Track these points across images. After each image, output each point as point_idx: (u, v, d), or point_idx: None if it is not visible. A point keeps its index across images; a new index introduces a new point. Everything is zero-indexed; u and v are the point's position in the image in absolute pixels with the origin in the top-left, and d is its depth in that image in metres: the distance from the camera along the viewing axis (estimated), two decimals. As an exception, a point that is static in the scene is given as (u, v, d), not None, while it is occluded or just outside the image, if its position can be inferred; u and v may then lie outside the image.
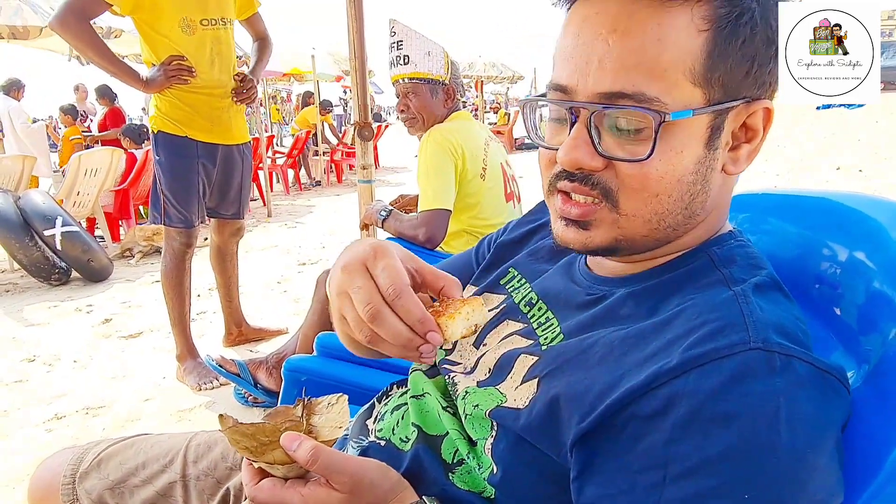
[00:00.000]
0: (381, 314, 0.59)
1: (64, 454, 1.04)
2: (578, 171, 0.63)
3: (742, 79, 0.61)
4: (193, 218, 2.72)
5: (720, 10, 0.58)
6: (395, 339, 0.59)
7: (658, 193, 0.62)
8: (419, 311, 0.59)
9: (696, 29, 0.58)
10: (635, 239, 0.65)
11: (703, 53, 0.59)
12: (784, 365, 0.52)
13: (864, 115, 16.20)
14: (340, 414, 0.68)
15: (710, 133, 0.62)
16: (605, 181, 0.63)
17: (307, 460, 0.58)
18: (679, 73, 0.59)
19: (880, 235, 0.70)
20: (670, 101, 0.59)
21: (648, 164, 0.60)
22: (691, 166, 0.62)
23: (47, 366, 3.13)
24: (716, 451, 0.50)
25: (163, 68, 2.49)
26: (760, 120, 0.63)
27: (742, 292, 0.59)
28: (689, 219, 0.65)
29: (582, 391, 0.59)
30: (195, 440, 1.04)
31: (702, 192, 0.64)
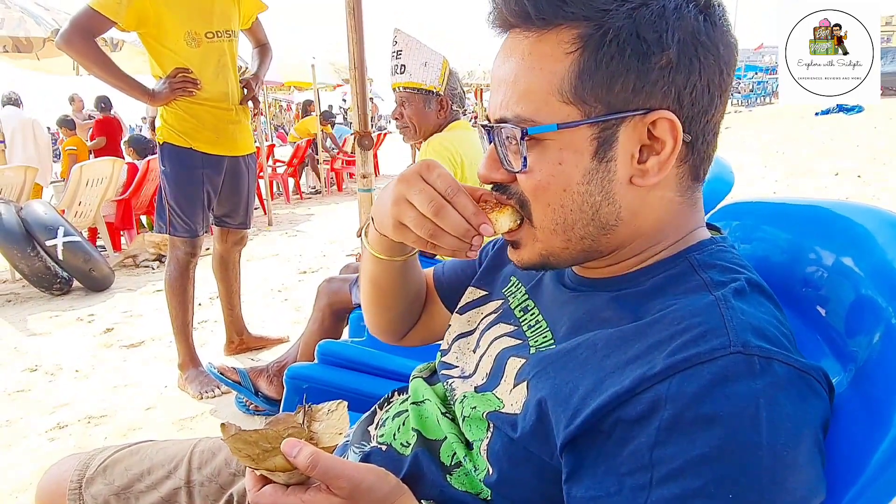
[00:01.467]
0: (444, 208, 0.69)
1: (70, 460, 1.05)
2: (492, 184, 0.73)
3: (626, 92, 0.62)
4: (198, 228, 2.75)
5: (585, 32, 0.62)
6: (455, 230, 0.69)
7: (549, 203, 0.68)
8: (473, 206, 0.70)
9: (562, 52, 0.63)
10: (557, 252, 0.71)
11: (572, 74, 0.63)
12: (764, 367, 0.54)
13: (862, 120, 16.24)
14: (340, 420, 0.70)
15: (596, 145, 0.64)
16: (518, 191, 0.70)
17: (307, 466, 0.60)
18: (547, 93, 0.64)
19: (867, 242, 0.72)
20: (543, 119, 0.65)
21: (532, 176, 0.67)
22: (578, 177, 0.65)
23: (49, 375, 3.15)
24: (699, 452, 0.51)
25: (168, 81, 2.52)
26: (667, 131, 0.64)
27: (723, 297, 0.60)
28: (604, 229, 0.68)
29: (567, 394, 0.61)
30: (199, 446, 1.06)
31: (605, 202, 0.66)
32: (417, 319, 1.06)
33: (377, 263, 0.90)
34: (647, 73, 0.62)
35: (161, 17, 2.47)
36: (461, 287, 0.97)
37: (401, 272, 0.93)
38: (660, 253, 0.71)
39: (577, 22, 0.62)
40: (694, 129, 0.65)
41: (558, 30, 0.63)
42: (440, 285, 1.05)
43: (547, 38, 0.64)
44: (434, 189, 0.70)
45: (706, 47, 0.63)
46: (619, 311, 0.67)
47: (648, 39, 0.61)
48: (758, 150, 11.50)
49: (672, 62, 0.62)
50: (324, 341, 1.53)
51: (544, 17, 0.63)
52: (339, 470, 0.61)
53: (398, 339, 1.06)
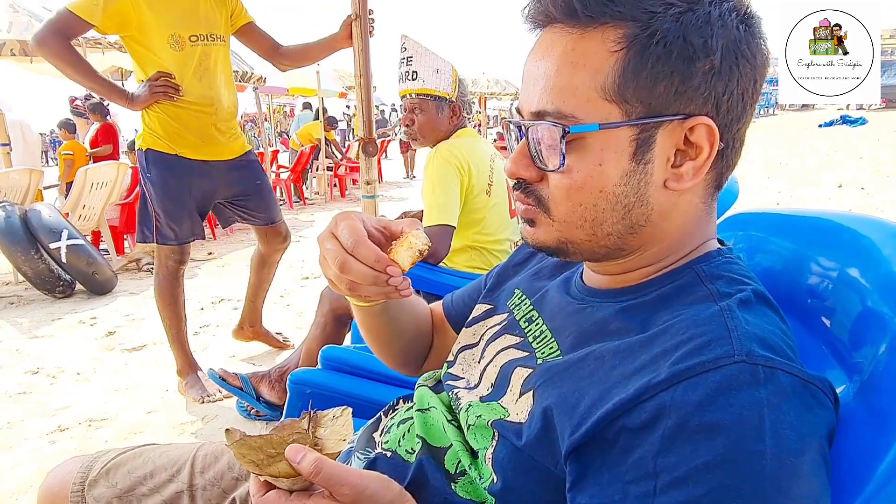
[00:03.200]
0: (346, 262, 0.72)
1: (73, 462, 1.05)
2: (519, 180, 0.71)
3: (667, 95, 0.63)
4: (185, 235, 2.70)
5: (631, 32, 0.62)
6: (363, 280, 0.72)
7: (581, 203, 0.67)
8: (374, 253, 0.71)
9: (607, 50, 0.63)
10: (578, 242, 0.70)
11: (616, 72, 0.63)
12: (768, 376, 0.54)
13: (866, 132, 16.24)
14: (345, 426, 0.69)
15: (635, 147, 0.65)
16: (538, 190, 0.70)
17: (310, 472, 0.59)
18: (590, 90, 0.64)
19: (873, 253, 0.72)
20: (584, 116, 0.64)
21: (569, 175, 0.66)
22: (616, 178, 0.65)
23: (51, 378, 3.15)
24: (703, 460, 0.51)
25: (149, 84, 2.48)
26: (704, 137, 0.65)
27: (728, 307, 0.61)
28: (632, 229, 0.68)
29: (573, 403, 0.61)
30: (202, 450, 1.05)
31: (638, 204, 0.67)
32: (429, 350, 1.06)
33: (359, 311, 0.91)
34: (690, 77, 0.62)
35: (144, 20, 2.42)
36: (469, 312, 0.98)
37: (385, 314, 0.92)
38: (670, 264, 0.71)
39: (623, 21, 0.62)
40: (726, 137, 0.66)
41: (604, 28, 0.63)
42: (450, 314, 1.05)
43: (592, 35, 0.64)
44: (340, 244, 0.72)
45: (745, 56, 0.64)
46: (626, 323, 0.67)
47: (695, 44, 0.62)
48: (761, 161, 11.51)
49: (715, 68, 0.62)
50: (327, 347, 1.53)
51: (591, 15, 0.63)
52: (343, 476, 0.61)
53: (415, 371, 1.06)
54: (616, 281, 0.74)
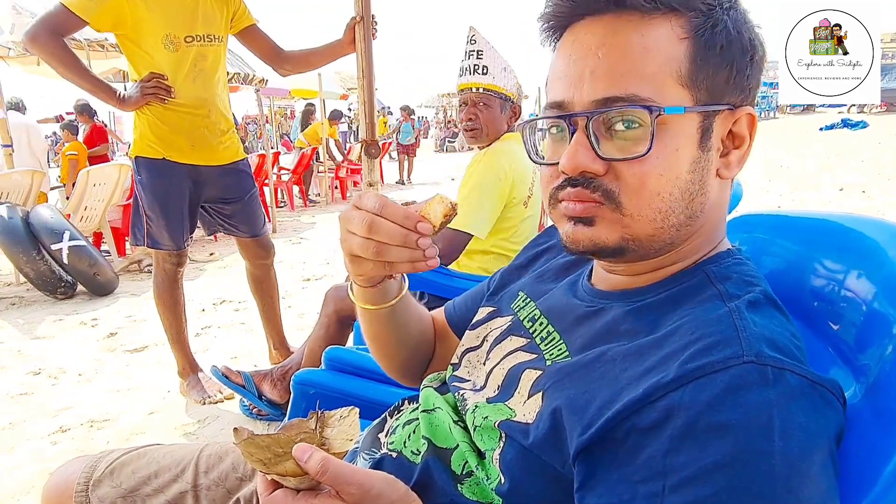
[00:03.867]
0: (375, 222, 0.69)
1: (77, 462, 1.05)
2: (581, 175, 0.67)
3: (724, 84, 0.66)
4: (180, 239, 2.64)
5: (696, 21, 0.65)
6: (392, 239, 0.69)
7: (659, 192, 0.65)
8: (403, 211, 0.70)
9: (677, 37, 0.65)
10: (642, 239, 0.68)
11: (687, 58, 0.64)
12: (777, 377, 0.54)
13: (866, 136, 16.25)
14: (351, 427, 0.69)
15: (701, 134, 0.66)
16: (605, 184, 0.66)
17: (317, 471, 0.59)
18: (667, 75, 0.64)
19: (879, 255, 0.72)
20: (662, 101, 0.64)
21: (647, 163, 0.64)
22: (687, 165, 0.66)
23: (52, 379, 3.15)
24: (712, 460, 0.51)
25: (140, 85, 2.42)
26: (745, 126, 0.69)
27: (736, 308, 0.61)
28: (690, 219, 0.68)
29: (583, 404, 0.61)
30: (206, 451, 1.05)
31: (700, 192, 0.67)
32: (431, 357, 1.06)
33: (367, 315, 0.90)
34: (742, 68, 0.66)
35: (139, 19, 2.37)
36: (472, 316, 0.98)
37: (392, 319, 0.92)
38: (681, 265, 0.72)
39: (684, 11, 0.65)
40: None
41: (669, 16, 0.65)
42: (452, 319, 1.05)
43: (659, 22, 0.65)
44: (365, 210, 0.71)
45: (763, 56, 0.69)
46: (635, 324, 0.67)
47: (744, 37, 0.66)
48: (762, 165, 11.51)
49: (758, 63, 0.67)
50: (331, 347, 1.53)
51: (661, 1, 0.64)
52: (349, 476, 0.61)
53: (415, 381, 1.05)
54: (626, 283, 0.74)
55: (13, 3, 5.83)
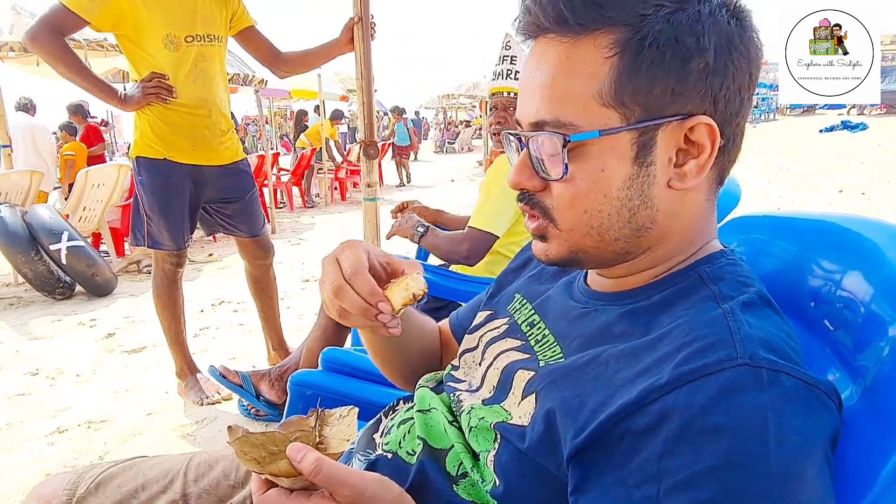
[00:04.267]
0: (342, 289, 0.72)
1: (58, 479, 1.00)
2: (523, 191, 0.71)
3: (664, 96, 0.63)
4: (181, 240, 2.64)
5: (623, 37, 0.62)
6: (354, 309, 0.72)
7: (586, 209, 0.67)
8: (370, 286, 0.72)
9: (601, 57, 0.63)
10: (588, 251, 0.70)
11: (611, 77, 0.63)
12: (771, 379, 0.53)
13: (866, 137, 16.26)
14: (349, 427, 0.69)
15: (636, 150, 0.64)
16: (542, 201, 0.70)
17: (310, 471, 0.59)
18: (588, 97, 0.64)
19: (876, 256, 0.72)
20: (584, 123, 0.64)
21: (572, 183, 0.66)
22: (619, 182, 0.65)
23: (50, 379, 3.14)
24: (707, 464, 0.51)
25: (142, 85, 2.41)
26: (705, 136, 0.65)
27: (730, 309, 0.61)
28: (639, 231, 0.68)
29: (576, 407, 0.61)
30: (195, 460, 1.03)
31: (643, 206, 0.67)
32: (438, 367, 1.06)
33: (364, 335, 0.93)
34: (686, 77, 0.62)
35: (139, 19, 2.36)
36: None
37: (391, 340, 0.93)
38: (674, 266, 0.71)
39: (614, 27, 0.62)
40: (727, 132, 0.66)
41: (596, 34, 0.63)
42: (455, 329, 1.06)
43: (584, 42, 0.64)
44: (340, 270, 0.73)
45: (739, 51, 0.64)
46: (630, 326, 0.67)
47: (687, 44, 0.61)
48: (761, 167, 11.52)
49: (709, 66, 0.62)
50: (328, 349, 1.53)
51: (582, 23, 0.63)
52: (343, 477, 0.60)
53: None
54: (620, 284, 0.74)
55: (13, 4, 5.84)
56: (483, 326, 0.92)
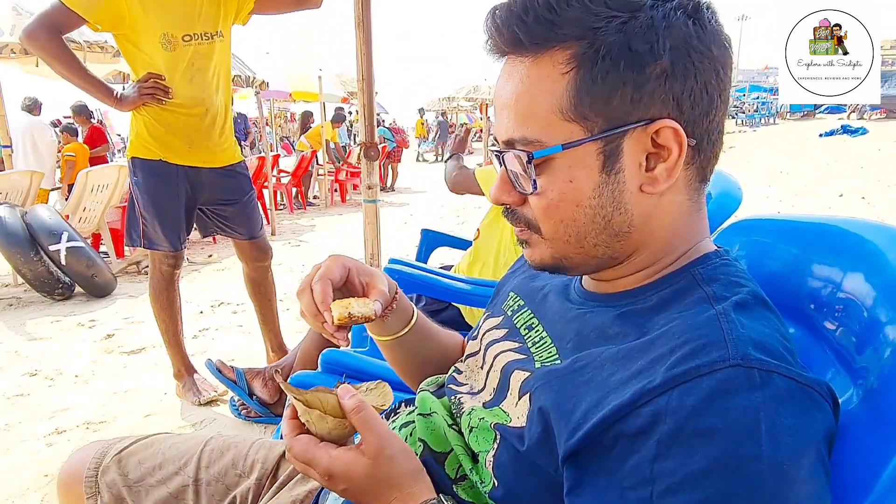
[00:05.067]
0: (303, 292, 0.82)
1: (92, 447, 1.08)
2: (504, 205, 0.75)
3: (626, 104, 0.63)
4: (177, 241, 2.62)
5: (578, 51, 0.63)
6: (306, 310, 0.81)
7: (562, 219, 0.69)
8: (322, 295, 0.79)
9: (558, 73, 0.64)
10: (571, 256, 0.72)
11: (569, 92, 0.64)
12: (764, 380, 0.53)
13: (866, 142, 16.29)
14: (382, 396, 0.76)
15: (603, 160, 0.65)
16: (525, 214, 0.73)
17: (352, 408, 0.67)
18: (549, 113, 0.65)
19: (878, 258, 0.72)
20: (548, 139, 0.65)
21: (544, 196, 0.69)
22: (589, 192, 0.67)
23: (49, 380, 3.14)
24: (699, 465, 0.51)
25: (138, 86, 2.39)
26: (671, 138, 0.65)
27: (723, 310, 0.61)
28: (618, 236, 0.69)
29: (570, 408, 0.61)
30: (210, 444, 1.07)
31: (617, 212, 0.67)
32: None
33: (380, 343, 0.97)
34: (643, 83, 0.63)
35: (136, 18, 2.33)
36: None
37: (401, 348, 0.97)
38: (666, 267, 0.71)
39: (569, 42, 0.63)
40: (698, 132, 0.66)
41: (552, 52, 0.64)
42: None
43: (541, 60, 0.65)
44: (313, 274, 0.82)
45: (699, 51, 0.64)
46: (624, 328, 0.67)
47: (641, 51, 0.62)
48: (762, 171, 11.53)
49: (666, 70, 0.62)
50: (328, 350, 1.53)
51: (537, 42, 0.64)
52: (375, 425, 0.66)
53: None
54: (615, 286, 0.74)
55: (13, 4, 5.84)
56: (481, 328, 0.92)
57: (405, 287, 2.06)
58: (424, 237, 2.88)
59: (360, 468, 0.66)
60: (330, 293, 0.80)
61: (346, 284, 0.85)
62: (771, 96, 30.16)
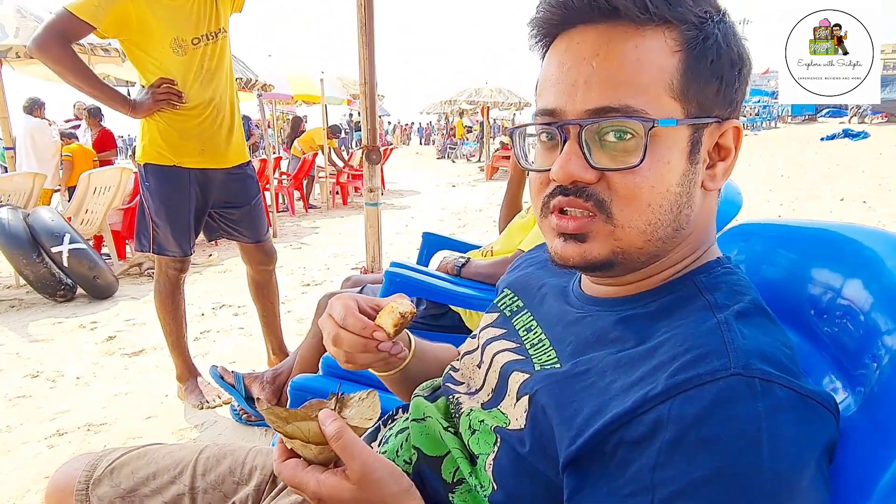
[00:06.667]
0: (338, 335, 0.79)
1: (80, 460, 1.06)
2: (572, 184, 0.67)
3: (713, 97, 0.66)
4: (187, 246, 2.62)
5: (688, 34, 0.65)
6: (353, 348, 0.79)
7: (650, 203, 0.65)
8: (360, 322, 0.78)
9: (669, 50, 0.64)
10: (631, 252, 0.68)
11: (679, 71, 0.64)
12: (764, 390, 0.53)
13: (867, 146, 16.27)
14: (371, 407, 0.74)
15: (690, 147, 0.66)
16: (598, 193, 0.66)
17: (332, 435, 0.64)
18: (659, 87, 0.64)
19: (877, 265, 0.72)
20: (654, 113, 0.64)
21: (639, 174, 0.64)
22: (677, 178, 0.66)
23: (50, 382, 3.14)
24: (700, 474, 0.51)
25: (151, 92, 2.39)
26: (732, 139, 0.69)
27: (725, 319, 0.61)
28: (677, 231, 0.68)
29: (571, 414, 0.61)
30: (205, 452, 1.06)
31: (687, 205, 0.67)
32: None
33: (387, 379, 0.96)
34: (731, 81, 0.67)
35: (145, 24, 2.32)
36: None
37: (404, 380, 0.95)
38: (671, 273, 0.72)
39: (677, 24, 0.65)
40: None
41: (662, 28, 0.65)
42: None
43: (653, 33, 0.64)
44: (333, 321, 0.80)
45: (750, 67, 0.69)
46: (625, 333, 0.67)
47: (734, 51, 0.66)
48: (762, 175, 11.52)
49: (744, 74, 0.67)
50: (328, 353, 1.53)
51: (656, 13, 0.64)
52: (357, 450, 0.64)
53: None
54: (617, 290, 0.74)
55: (18, 7, 5.85)
56: (480, 324, 0.93)
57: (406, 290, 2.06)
58: (425, 240, 2.88)
59: (346, 493, 0.64)
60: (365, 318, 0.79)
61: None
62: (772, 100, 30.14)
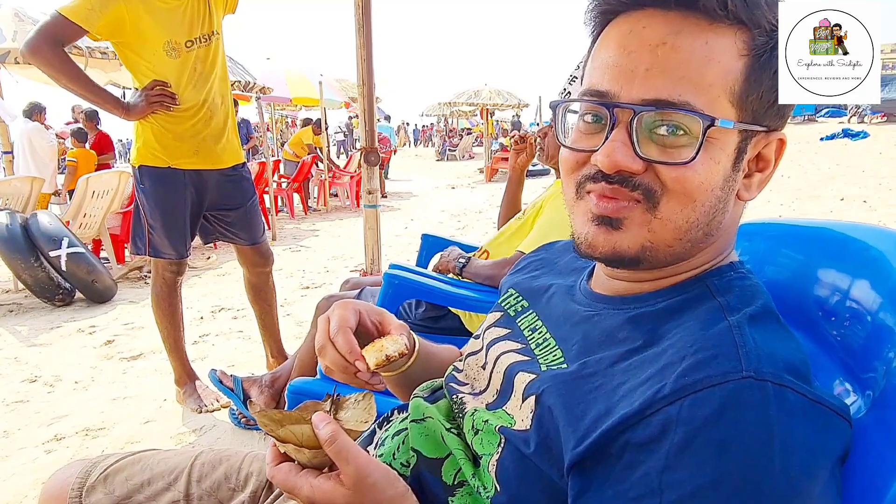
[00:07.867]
0: (325, 348, 0.78)
1: (74, 466, 1.04)
2: (617, 173, 0.64)
3: (768, 107, 0.64)
4: (182, 248, 2.61)
5: (758, 40, 0.62)
6: (334, 366, 0.78)
7: (696, 199, 0.63)
8: (349, 346, 0.77)
9: (738, 52, 0.62)
10: (660, 247, 0.66)
11: (743, 75, 0.62)
12: (777, 394, 0.52)
13: (867, 146, 16.28)
14: (366, 410, 0.73)
15: (736, 153, 0.64)
16: (647, 182, 0.64)
17: (326, 439, 0.62)
18: (721, 89, 0.62)
19: (882, 264, 0.70)
20: (712, 113, 0.61)
21: (691, 169, 0.62)
22: (721, 181, 0.64)
23: (48, 386, 3.13)
24: (710, 478, 0.50)
25: (145, 94, 2.38)
26: (774, 151, 0.67)
27: (736, 323, 0.60)
28: (707, 237, 0.67)
29: (578, 415, 0.60)
30: (200, 459, 1.04)
31: (722, 210, 0.66)
32: None
33: (390, 380, 0.94)
34: None
35: (139, 27, 2.31)
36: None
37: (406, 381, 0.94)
38: (686, 274, 0.70)
39: (751, 27, 0.62)
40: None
41: (733, 28, 0.62)
42: None
43: (724, 33, 0.62)
44: (326, 331, 0.79)
45: None
46: (633, 332, 0.66)
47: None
48: (762, 174, 11.49)
49: None
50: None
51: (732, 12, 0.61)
52: (352, 455, 0.62)
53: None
54: (626, 288, 0.73)
55: (16, 10, 5.85)
56: (483, 325, 0.91)
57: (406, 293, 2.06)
58: (425, 242, 2.87)
59: (341, 498, 0.62)
60: (355, 342, 0.77)
61: (359, 328, 0.82)
62: (771, 100, 30.09)
